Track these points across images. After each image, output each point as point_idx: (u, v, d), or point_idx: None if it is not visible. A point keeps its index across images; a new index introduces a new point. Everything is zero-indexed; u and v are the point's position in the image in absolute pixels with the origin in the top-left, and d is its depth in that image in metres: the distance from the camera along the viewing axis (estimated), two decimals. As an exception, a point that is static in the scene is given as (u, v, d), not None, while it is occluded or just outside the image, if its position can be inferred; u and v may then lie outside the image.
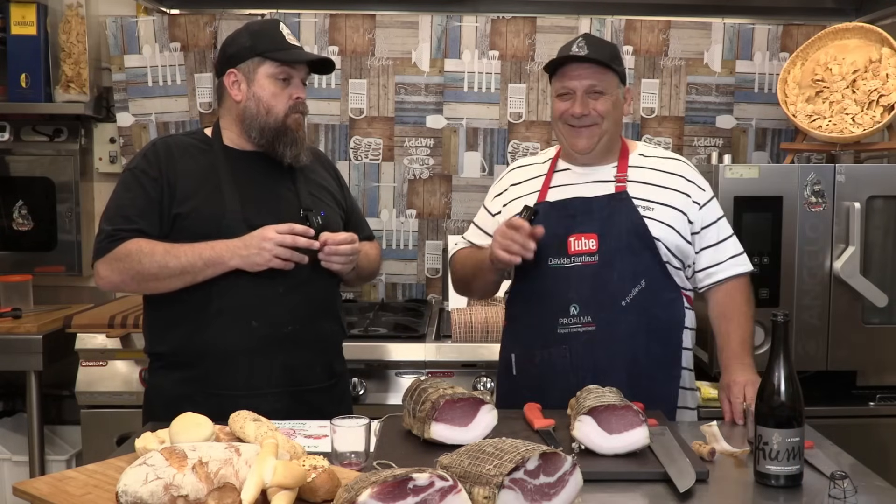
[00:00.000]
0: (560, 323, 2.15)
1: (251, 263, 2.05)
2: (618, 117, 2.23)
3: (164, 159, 2.13)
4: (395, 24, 3.50)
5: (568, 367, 2.14)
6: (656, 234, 2.15)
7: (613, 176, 2.22)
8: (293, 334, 2.13)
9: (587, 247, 2.15)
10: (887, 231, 2.88)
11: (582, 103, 2.17)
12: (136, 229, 2.08)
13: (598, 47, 2.18)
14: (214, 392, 2.05)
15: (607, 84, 2.18)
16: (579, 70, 2.17)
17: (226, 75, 2.17)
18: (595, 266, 2.14)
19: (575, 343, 2.14)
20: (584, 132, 2.18)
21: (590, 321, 2.14)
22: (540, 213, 2.17)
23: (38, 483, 1.59)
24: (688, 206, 2.20)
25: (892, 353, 2.88)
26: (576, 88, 2.17)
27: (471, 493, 1.37)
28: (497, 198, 2.35)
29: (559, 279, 2.16)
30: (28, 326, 3.12)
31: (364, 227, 2.46)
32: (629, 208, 2.16)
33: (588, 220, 2.16)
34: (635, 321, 2.14)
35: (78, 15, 3.47)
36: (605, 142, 2.21)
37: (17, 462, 3.32)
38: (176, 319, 2.12)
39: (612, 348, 2.13)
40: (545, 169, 2.30)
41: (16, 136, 3.53)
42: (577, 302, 2.14)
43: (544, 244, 2.14)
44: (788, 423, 1.64)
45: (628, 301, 2.14)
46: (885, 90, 3.02)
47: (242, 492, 1.41)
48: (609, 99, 2.18)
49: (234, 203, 2.11)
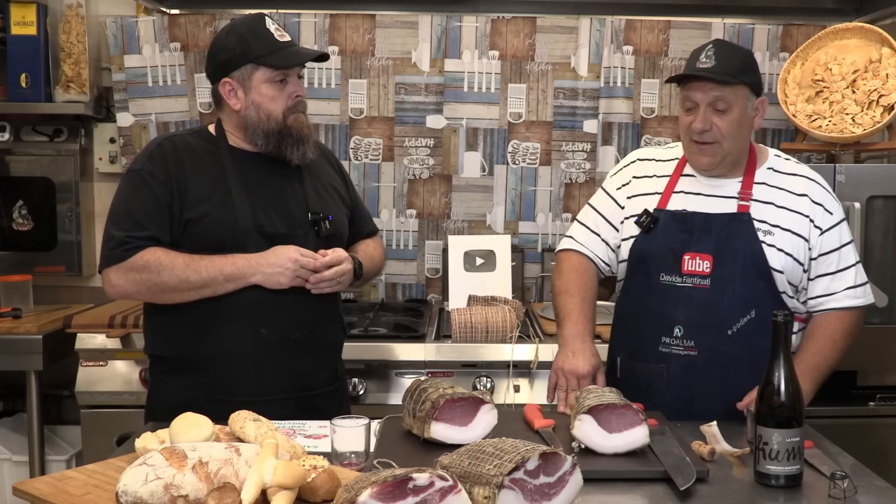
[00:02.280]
0: (662, 342, 2.12)
1: (274, 282, 2.08)
2: (745, 133, 2.12)
3: (171, 161, 2.10)
4: (395, 24, 3.50)
5: (664, 387, 2.11)
6: (774, 265, 2.06)
7: (737, 192, 2.12)
8: (300, 340, 2.14)
9: (701, 268, 2.09)
10: (887, 231, 2.88)
11: (704, 118, 2.06)
12: (149, 236, 2.05)
13: (728, 57, 2.06)
14: (220, 398, 2.04)
15: (735, 97, 2.06)
16: (704, 81, 2.06)
17: (220, 85, 2.14)
18: (706, 290, 2.08)
19: (674, 365, 2.11)
20: (706, 150, 2.10)
21: (692, 345, 2.09)
22: (659, 222, 2.13)
23: (38, 483, 1.59)
24: (809, 230, 2.09)
25: (892, 353, 2.88)
26: (699, 101, 2.07)
27: (471, 493, 1.37)
28: (622, 189, 2.26)
29: (668, 298, 2.11)
30: (28, 326, 3.12)
31: (368, 222, 2.47)
32: (748, 232, 2.07)
33: (705, 238, 2.09)
34: (739, 352, 2.07)
35: (78, 15, 3.47)
36: (730, 160, 2.12)
37: (17, 462, 3.32)
38: (181, 324, 2.11)
39: (710, 376, 2.08)
40: (670, 169, 2.22)
41: (16, 136, 3.52)
42: (682, 324, 2.10)
43: (659, 257, 2.12)
44: (788, 423, 1.64)
45: (735, 330, 2.07)
46: (885, 90, 3.02)
47: (242, 492, 1.41)
48: (734, 115, 2.06)
49: (244, 209, 2.10)
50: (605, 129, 3.51)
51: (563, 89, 3.51)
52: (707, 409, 1.98)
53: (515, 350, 2.85)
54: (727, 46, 2.12)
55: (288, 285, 2.09)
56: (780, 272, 2.07)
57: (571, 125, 3.52)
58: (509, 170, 3.54)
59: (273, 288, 2.08)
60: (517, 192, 3.55)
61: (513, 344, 2.86)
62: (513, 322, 2.89)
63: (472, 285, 3.16)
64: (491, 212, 3.56)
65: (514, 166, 3.54)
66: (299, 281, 2.09)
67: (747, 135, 2.14)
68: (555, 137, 3.53)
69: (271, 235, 2.11)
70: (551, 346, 2.85)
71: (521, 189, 3.55)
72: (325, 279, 2.12)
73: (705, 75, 2.05)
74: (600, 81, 3.49)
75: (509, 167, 3.54)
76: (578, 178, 3.53)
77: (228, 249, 2.08)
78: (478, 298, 3.10)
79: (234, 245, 2.08)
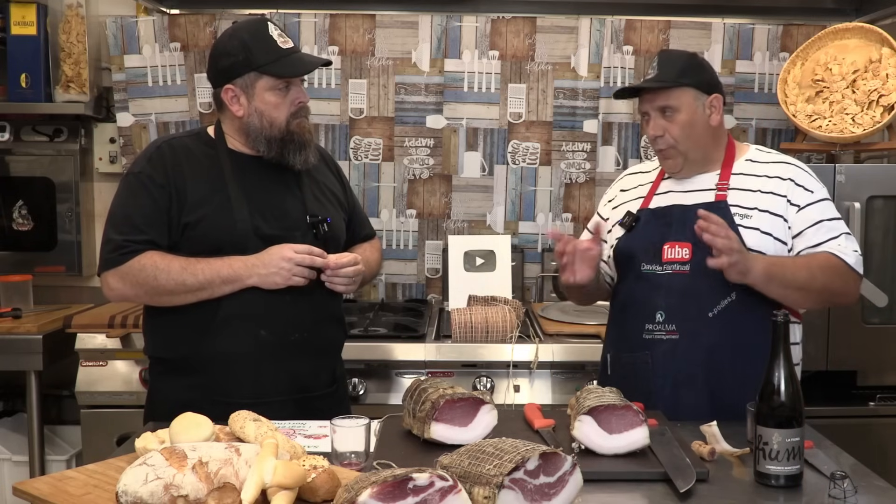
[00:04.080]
0: (646, 329, 2.15)
1: (270, 283, 2.08)
2: (700, 132, 2.17)
3: (170, 164, 2.11)
4: (395, 24, 3.50)
5: (650, 374, 2.14)
6: (752, 245, 2.07)
7: (715, 184, 2.18)
8: (299, 342, 2.14)
9: (680, 255, 2.13)
10: (887, 231, 2.88)
11: (654, 125, 2.17)
12: (146, 240, 2.06)
13: (669, 64, 2.16)
14: (219, 399, 2.04)
15: (678, 101, 2.15)
16: (648, 91, 2.18)
17: (223, 91, 2.14)
18: (686, 275, 2.12)
19: (657, 350, 2.13)
20: (666, 153, 2.19)
21: (673, 329, 2.12)
22: (641, 220, 2.20)
23: (38, 483, 1.59)
24: (786, 208, 2.12)
25: (892, 353, 2.88)
26: (648, 111, 2.19)
27: (471, 493, 1.37)
28: (608, 203, 2.38)
29: (650, 285, 2.15)
30: (28, 326, 3.12)
31: (365, 226, 2.48)
32: (725, 218, 2.08)
33: (682, 228, 2.13)
34: (719, 334, 2.09)
35: (78, 15, 3.47)
36: (694, 158, 2.18)
37: (17, 462, 3.32)
38: (181, 325, 2.12)
39: (692, 359, 2.10)
40: (654, 176, 2.30)
41: (16, 136, 3.53)
42: (663, 309, 2.13)
43: (641, 250, 2.17)
44: (788, 423, 1.64)
45: (715, 313, 2.09)
46: (885, 90, 3.02)
47: (242, 492, 1.41)
48: (682, 116, 2.14)
49: (242, 212, 2.10)
50: (605, 129, 3.51)
51: (563, 89, 3.51)
52: (693, 396, 1.98)
53: (515, 350, 2.86)
54: (670, 54, 2.25)
55: (284, 285, 2.08)
56: (761, 252, 2.08)
57: (571, 125, 3.52)
58: (509, 170, 3.54)
59: (270, 288, 2.08)
60: (517, 192, 3.55)
61: (513, 344, 2.86)
62: (513, 322, 2.89)
63: (472, 285, 3.17)
64: (491, 212, 3.56)
65: (514, 166, 3.54)
66: (296, 280, 2.09)
67: (705, 133, 2.18)
68: (555, 137, 3.53)
69: (269, 238, 2.11)
70: (551, 346, 2.86)
71: (521, 189, 3.55)
72: (345, 275, 2.14)
73: (646, 86, 2.18)
74: (600, 81, 3.49)
75: (509, 167, 3.54)
76: (578, 178, 3.53)
77: (227, 252, 2.08)
78: (478, 298, 3.10)
79: (232, 248, 2.09)
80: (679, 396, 2.09)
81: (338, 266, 2.13)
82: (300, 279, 2.09)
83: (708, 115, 2.17)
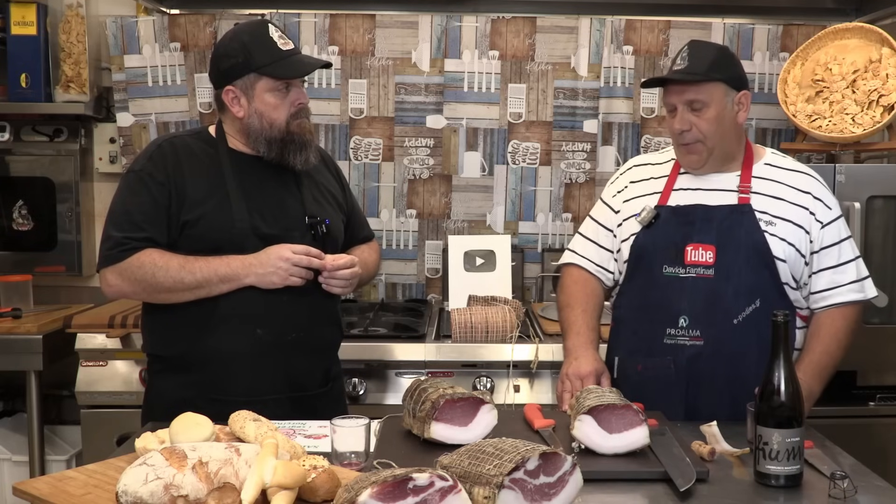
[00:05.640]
0: (667, 333, 2.11)
1: (267, 282, 2.09)
2: (727, 129, 2.12)
3: (170, 163, 2.12)
4: (395, 24, 3.50)
5: (672, 380, 2.11)
6: (777, 254, 2.07)
7: (736, 185, 2.14)
8: (296, 341, 2.15)
9: (704, 258, 2.09)
10: (887, 231, 2.88)
11: (682, 119, 2.10)
12: (145, 238, 2.07)
13: (700, 56, 2.08)
14: (216, 397, 2.05)
15: (709, 95, 2.08)
16: (678, 84, 2.10)
17: (223, 92, 2.15)
18: (711, 280, 2.08)
19: (680, 356, 2.10)
20: (691, 149, 2.13)
21: (698, 335, 2.09)
22: (660, 217, 2.14)
23: (38, 483, 1.59)
24: (811, 223, 2.11)
25: (892, 353, 2.88)
26: (676, 104, 2.11)
27: (471, 493, 1.37)
28: (617, 195, 2.29)
29: (672, 289, 2.11)
30: (28, 326, 3.12)
31: (364, 227, 2.49)
32: (750, 223, 2.08)
33: (707, 229, 2.10)
34: (745, 341, 2.07)
35: (78, 15, 3.47)
36: (718, 155, 2.14)
37: (17, 462, 3.32)
38: (179, 324, 2.13)
39: (717, 366, 2.08)
40: (667, 170, 2.24)
41: (16, 136, 3.52)
42: (687, 314, 2.09)
43: (661, 250, 2.12)
44: (788, 423, 1.64)
45: (740, 319, 2.07)
46: (885, 90, 3.02)
47: (242, 492, 1.41)
48: (711, 112, 2.09)
49: (241, 212, 2.11)
50: (605, 129, 3.51)
51: (563, 89, 3.51)
52: (717, 402, 1.97)
53: (515, 350, 2.86)
54: (701, 46, 2.14)
55: (281, 285, 2.09)
56: (784, 261, 2.08)
57: (571, 125, 3.52)
58: (509, 170, 3.54)
59: (267, 288, 2.09)
60: (517, 192, 3.55)
61: (513, 344, 2.86)
62: (513, 322, 2.89)
63: (472, 285, 3.16)
64: (491, 212, 3.56)
65: (514, 166, 3.54)
66: (293, 280, 2.09)
67: (732, 130, 2.14)
68: (555, 137, 3.53)
69: (267, 238, 2.12)
70: (551, 346, 2.86)
71: (521, 189, 3.55)
72: (342, 276, 2.15)
73: (676, 77, 2.09)
74: (600, 81, 3.49)
75: (509, 167, 3.54)
76: (578, 178, 3.53)
77: (225, 251, 2.09)
78: (478, 298, 3.10)
79: (230, 247, 2.09)
80: (701, 402, 2.07)
81: (335, 267, 2.14)
82: (297, 279, 2.10)
83: (735, 112, 2.13)
